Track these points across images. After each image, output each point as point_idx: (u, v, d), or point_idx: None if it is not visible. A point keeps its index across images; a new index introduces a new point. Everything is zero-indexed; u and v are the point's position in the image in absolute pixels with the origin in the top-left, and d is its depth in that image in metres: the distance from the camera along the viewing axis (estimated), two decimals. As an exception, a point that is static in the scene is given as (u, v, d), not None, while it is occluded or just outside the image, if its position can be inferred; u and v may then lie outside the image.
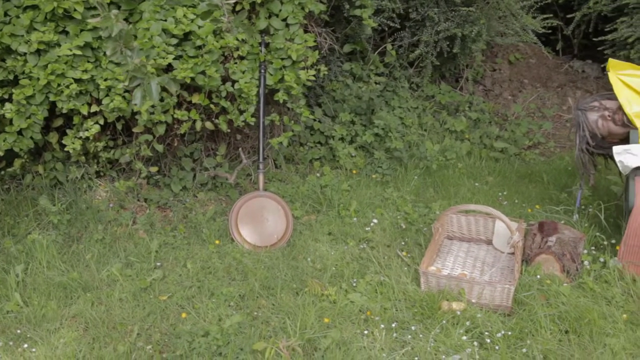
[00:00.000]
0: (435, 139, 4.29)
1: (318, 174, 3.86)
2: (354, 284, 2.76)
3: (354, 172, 3.86)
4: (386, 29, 4.37)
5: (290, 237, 3.17)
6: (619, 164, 2.89)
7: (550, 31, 5.47)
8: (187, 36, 3.15)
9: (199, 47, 3.16)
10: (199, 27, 3.11)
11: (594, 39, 4.78)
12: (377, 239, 3.18)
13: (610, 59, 3.07)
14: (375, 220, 3.31)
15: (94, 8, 3.04)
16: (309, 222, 3.38)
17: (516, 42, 4.60)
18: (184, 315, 2.53)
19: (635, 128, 2.96)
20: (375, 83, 4.30)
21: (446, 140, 4.26)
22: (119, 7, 3.11)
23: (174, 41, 3.08)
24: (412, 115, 4.38)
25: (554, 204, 3.50)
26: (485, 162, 4.19)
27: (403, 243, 3.14)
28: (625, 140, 3.01)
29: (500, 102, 5.15)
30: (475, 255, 3.08)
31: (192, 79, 3.14)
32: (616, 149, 2.88)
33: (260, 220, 3.16)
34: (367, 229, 3.27)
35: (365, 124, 4.16)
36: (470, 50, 4.38)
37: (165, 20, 3.09)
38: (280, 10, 3.32)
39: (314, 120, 4.15)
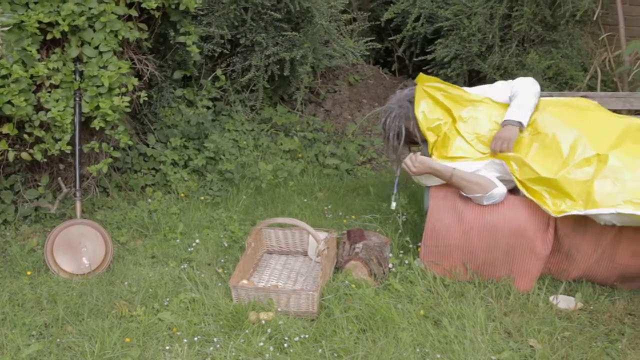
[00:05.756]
0: (269, 160, 4.42)
1: (150, 200, 3.87)
2: (166, 303, 2.80)
3: (182, 194, 3.90)
4: (216, 54, 4.48)
5: (110, 263, 3.16)
6: (413, 177, 3.10)
7: (384, 53, 5.84)
8: (-9, 66, 3.10)
9: (5, 77, 3.11)
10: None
11: (414, 59, 5.12)
12: (200, 258, 3.23)
13: (420, 74, 3.25)
14: (197, 241, 3.36)
15: None
16: (134, 247, 3.38)
17: (342, 64, 4.85)
18: (-23, 349, 2.47)
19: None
20: (206, 107, 4.38)
21: (279, 160, 4.40)
22: None
23: (-24, 71, 3.03)
24: (247, 138, 4.50)
25: (375, 213, 3.70)
26: (317, 179, 4.36)
27: (222, 260, 3.22)
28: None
29: (340, 122, 5.38)
30: (291, 267, 3.21)
31: (-1, 109, 3.09)
32: None
33: (78, 248, 3.13)
34: (190, 249, 3.32)
35: (199, 148, 4.22)
36: (299, 72, 4.56)
37: (-34, 51, 3.03)
38: (92, 38, 3.34)
39: (147, 146, 4.17)
